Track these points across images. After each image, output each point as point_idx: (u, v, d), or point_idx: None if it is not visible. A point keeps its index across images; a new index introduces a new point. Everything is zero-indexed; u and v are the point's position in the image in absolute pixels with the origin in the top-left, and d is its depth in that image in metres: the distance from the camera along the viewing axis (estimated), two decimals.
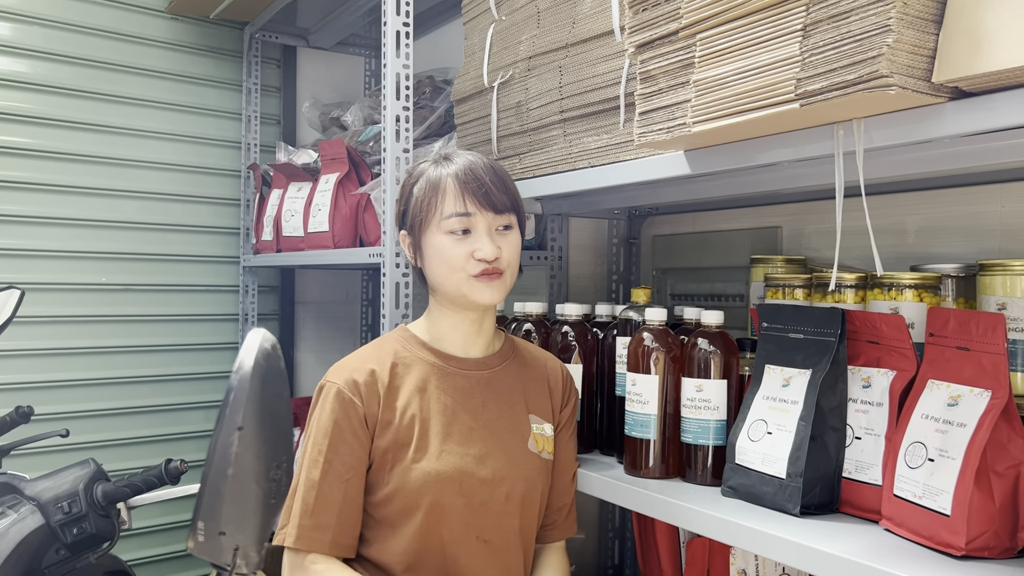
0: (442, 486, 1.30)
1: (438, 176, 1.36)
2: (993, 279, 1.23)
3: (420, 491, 1.29)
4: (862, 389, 1.21)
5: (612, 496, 1.40)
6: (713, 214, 1.97)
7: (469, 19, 1.94)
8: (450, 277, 1.34)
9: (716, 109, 1.10)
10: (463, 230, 1.33)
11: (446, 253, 1.33)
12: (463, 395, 1.37)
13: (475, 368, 1.41)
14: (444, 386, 1.37)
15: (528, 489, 1.37)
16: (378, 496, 1.31)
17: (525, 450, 1.39)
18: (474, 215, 1.33)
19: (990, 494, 1.00)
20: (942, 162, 1.17)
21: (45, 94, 2.66)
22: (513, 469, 1.36)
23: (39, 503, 1.65)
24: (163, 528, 2.83)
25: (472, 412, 1.37)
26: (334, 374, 1.36)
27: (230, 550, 0.84)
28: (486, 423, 1.37)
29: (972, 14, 0.87)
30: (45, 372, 2.67)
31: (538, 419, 1.43)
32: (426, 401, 1.35)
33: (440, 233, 1.34)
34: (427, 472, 1.30)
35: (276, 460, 0.87)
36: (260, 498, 0.86)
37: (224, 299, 3.02)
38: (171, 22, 2.89)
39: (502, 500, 1.34)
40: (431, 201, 1.35)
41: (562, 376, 1.50)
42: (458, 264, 1.33)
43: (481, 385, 1.39)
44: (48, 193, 2.67)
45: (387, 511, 1.31)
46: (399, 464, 1.30)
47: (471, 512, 1.31)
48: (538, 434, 1.41)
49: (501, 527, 1.35)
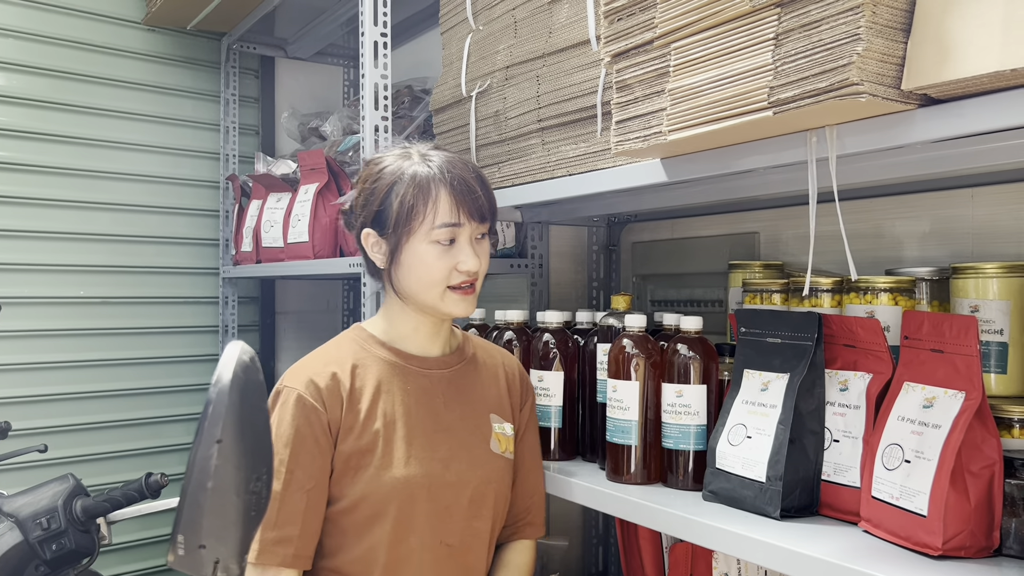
0: (411, 492, 1.27)
1: (427, 180, 1.29)
2: (966, 282, 1.25)
3: (388, 498, 1.26)
4: (839, 392, 1.22)
5: (594, 502, 1.41)
6: (692, 220, 1.99)
7: (447, 29, 1.95)
8: (429, 289, 1.31)
9: (691, 117, 1.11)
10: (449, 240, 1.30)
11: (431, 265, 1.29)
12: (425, 395, 1.34)
13: (436, 367, 1.38)
14: (406, 387, 1.33)
15: (491, 491, 1.35)
16: (343, 504, 1.27)
17: (488, 451, 1.37)
18: (463, 225, 1.30)
19: (965, 494, 1.02)
20: (914, 167, 1.19)
21: (21, 107, 2.64)
22: (477, 471, 1.34)
23: (17, 519, 1.63)
24: (144, 543, 2.80)
25: (435, 413, 1.34)
26: (292, 378, 1.30)
27: (210, 563, 0.83)
28: (449, 424, 1.34)
29: (939, 23, 0.89)
30: (22, 387, 2.64)
31: (498, 418, 1.41)
32: (389, 403, 1.31)
33: (426, 242, 1.29)
34: (395, 479, 1.26)
35: (256, 472, 0.87)
36: (240, 510, 0.86)
37: (204, 311, 3.00)
38: (148, 33, 2.88)
39: (466, 503, 1.32)
40: (420, 207, 1.28)
41: (519, 374, 1.49)
42: (440, 277, 1.30)
43: (442, 384, 1.37)
44: (25, 206, 2.65)
45: (353, 519, 1.27)
46: (364, 470, 1.27)
47: (437, 517, 1.30)
48: (500, 433, 1.39)
49: (464, 530, 1.33)
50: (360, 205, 1.35)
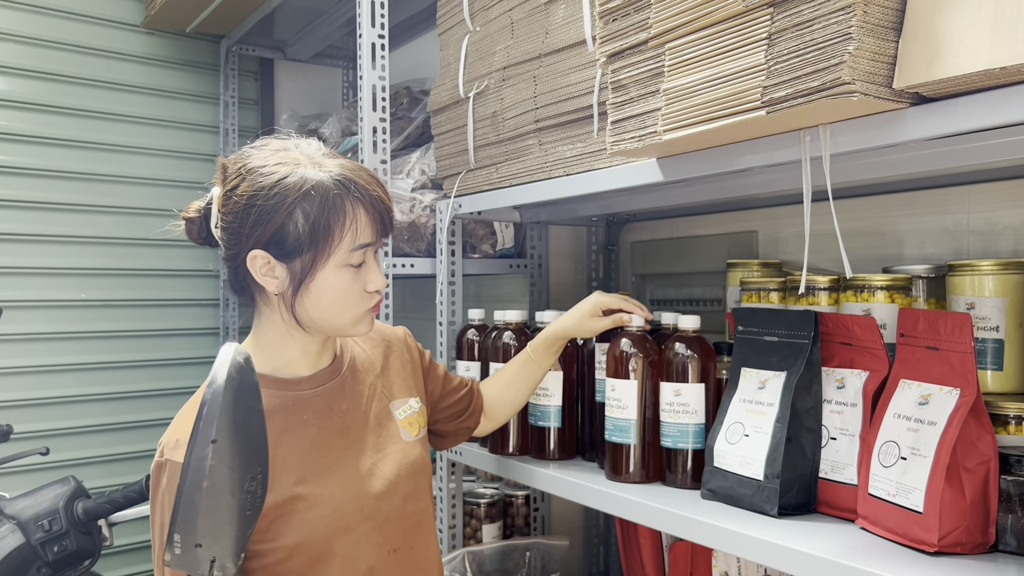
0: (346, 521, 1.18)
1: (340, 198, 1.13)
2: (962, 279, 1.25)
3: (325, 537, 1.16)
4: (836, 390, 1.22)
5: (594, 501, 1.41)
6: (690, 220, 1.99)
7: (444, 30, 1.95)
8: (343, 315, 1.19)
9: (686, 117, 1.12)
10: (361, 263, 1.17)
11: (346, 291, 1.17)
12: (324, 417, 1.22)
13: (327, 379, 1.25)
14: (304, 416, 1.20)
15: (418, 479, 1.29)
16: (274, 557, 1.14)
17: (402, 443, 1.29)
18: (375, 243, 1.19)
19: (961, 491, 1.02)
20: (908, 165, 1.19)
21: (20, 111, 2.65)
22: (399, 468, 1.26)
23: (19, 521, 1.64)
24: (144, 544, 2.81)
25: (341, 429, 1.23)
26: (176, 450, 1.10)
27: (207, 562, 0.84)
28: (357, 435, 1.25)
29: (930, 22, 0.89)
30: (24, 390, 2.65)
31: (401, 400, 1.33)
32: (292, 441, 1.18)
33: (339, 267, 1.15)
34: (325, 516, 1.16)
35: (250, 472, 0.88)
36: (235, 509, 0.87)
37: (204, 313, 3.01)
38: (147, 36, 2.89)
39: (401, 504, 1.25)
40: (335, 230, 1.13)
41: (406, 342, 1.42)
42: (354, 301, 1.18)
43: (337, 395, 1.26)
44: (25, 210, 2.66)
45: (290, 566, 1.15)
46: (289, 516, 1.14)
47: (379, 531, 1.22)
48: (409, 417, 1.32)
49: (405, 529, 1.26)
50: (250, 224, 1.13)
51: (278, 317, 1.20)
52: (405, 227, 2.08)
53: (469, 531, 2.02)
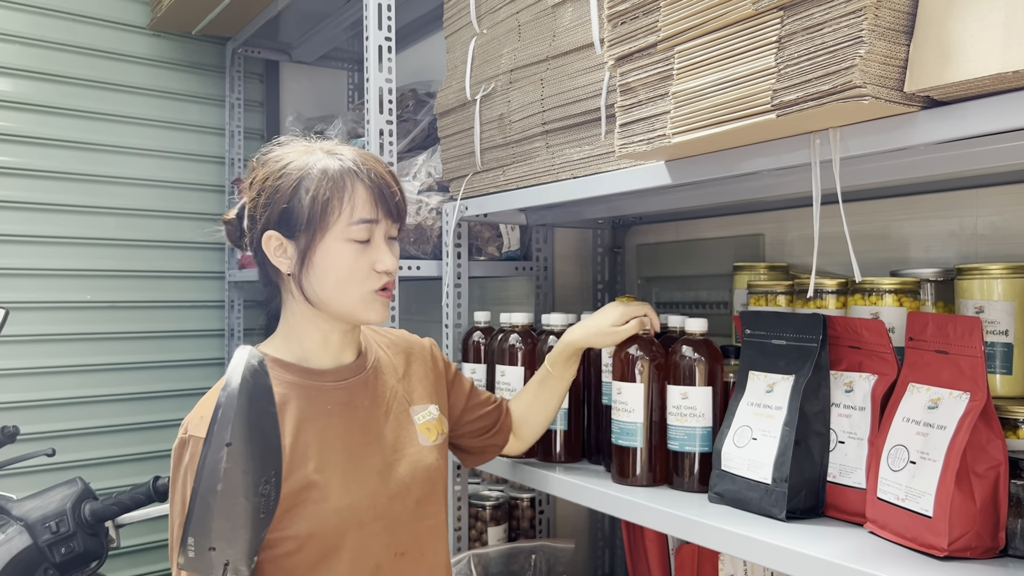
0: (360, 517, 1.19)
1: (340, 173, 1.19)
2: (971, 283, 1.25)
3: (338, 531, 1.17)
4: (844, 394, 1.22)
5: (600, 505, 1.41)
6: (696, 222, 1.99)
7: (451, 32, 1.96)
8: (348, 292, 1.20)
9: (695, 120, 1.12)
10: (366, 239, 1.20)
11: (349, 264, 1.19)
12: (347, 410, 1.25)
13: (350, 375, 1.27)
14: (326, 407, 1.23)
15: (433, 483, 1.30)
16: (288, 546, 1.15)
17: (418, 446, 1.30)
18: (379, 223, 1.21)
19: (971, 495, 1.02)
20: (918, 169, 1.19)
21: (27, 112, 2.66)
22: (414, 470, 1.27)
23: (27, 523, 1.64)
24: (152, 546, 2.81)
25: (361, 425, 1.25)
26: (199, 426, 1.12)
27: (220, 565, 0.84)
28: (378, 433, 1.26)
29: (941, 25, 0.89)
30: (30, 391, 2.65)
31: (420, 406, 1.34)
32: (314, 430, 1.20)
33: (341, 240, 1.18)
34: (339, 509, 1.17)
35: (264, 475, 0.88)
36: (249, 513, 0.87)
37: (210, 315, 3.01)
38: (153, 38, 2.90)
39: (413, 507, 1.26)
40: (335, 202, 1.18)
41: (431, 352, 1.43)
42: (360, 278, 1.20)
43: (361, 391, 1.27)
44: (31, 211, 2.67)
45: (301, 558, 1.16)
46: (303, 507, 1.15)
47: (389, 532, 1.22)
48: (428, 423, 1.33)
49: (415, 533, 1.26)
50: (261, 206, 1.21)
51: (297, 304, 1.24)
52: (411, 229, 2.08)
53: (474, 533, 2.02)
